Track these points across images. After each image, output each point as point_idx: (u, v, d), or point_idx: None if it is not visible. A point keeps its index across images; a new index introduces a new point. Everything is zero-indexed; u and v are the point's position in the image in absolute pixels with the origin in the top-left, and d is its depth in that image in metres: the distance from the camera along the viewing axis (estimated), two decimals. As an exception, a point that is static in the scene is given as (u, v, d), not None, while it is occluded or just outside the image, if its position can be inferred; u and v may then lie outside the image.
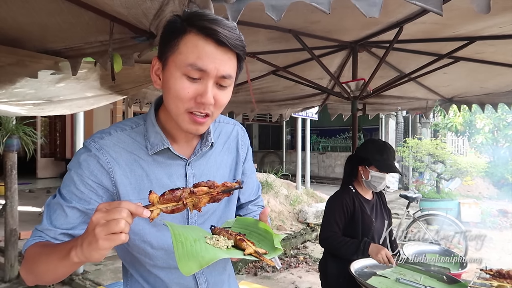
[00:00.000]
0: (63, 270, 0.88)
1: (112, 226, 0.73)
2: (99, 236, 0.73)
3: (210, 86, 0.92)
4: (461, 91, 3.84)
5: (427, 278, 1.89)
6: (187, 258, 0.77)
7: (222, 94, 0.95)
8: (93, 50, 1.99)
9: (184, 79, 0.91)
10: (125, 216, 0.74)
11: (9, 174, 4.64)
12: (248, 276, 5.10)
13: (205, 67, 0.90)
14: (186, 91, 0.91)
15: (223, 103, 0.97)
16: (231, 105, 4.24)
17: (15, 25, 1.79)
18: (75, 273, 4.44)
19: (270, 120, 6.55)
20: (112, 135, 1.03)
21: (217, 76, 0.92)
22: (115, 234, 0.73)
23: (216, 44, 0.89)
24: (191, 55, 0.90)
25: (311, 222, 7.59)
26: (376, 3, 1.06)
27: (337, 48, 2.87)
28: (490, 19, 1.96)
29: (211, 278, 1.14)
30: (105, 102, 3.65)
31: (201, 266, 0.77)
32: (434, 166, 9.46)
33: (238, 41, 0.92)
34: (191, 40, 0.90)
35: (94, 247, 0.74)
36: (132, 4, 1.43)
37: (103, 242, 0.73)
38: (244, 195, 1.26)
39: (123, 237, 0.74)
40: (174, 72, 0.93)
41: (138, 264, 1.10)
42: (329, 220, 2.33)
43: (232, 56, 0.93)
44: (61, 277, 0.93)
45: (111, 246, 0.74)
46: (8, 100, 2.96)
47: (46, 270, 0.90)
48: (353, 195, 2.34)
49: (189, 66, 0.90)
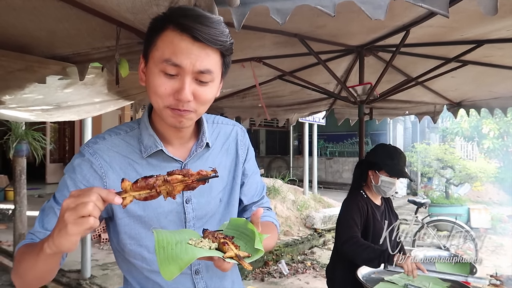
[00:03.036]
0: (41, 267, 0.88)
1: (80, 209, 0.73)
2: (68, 220, 0.73)
3: (188, 82, 0.91)
4: (470, 95, 3.80)
5: (435, 285, 1.86)
6: (167, 262, 0.76)
7: (203, 90, 0.94)
8: (100, 56, 2.01)
9: (162, 75, 0.91)
10: (94, 199, 0.74)
11: (19, 179, 4.69)
12: (255, 282, 5.07)
13: (179, 62, 0.89)
14: (163, 88, 0.91)
15: (205, 99, 0.96)
16: (238, 110, 4.25)
17: (24, 31, 1.82)
18: (82, 278, 4.46)
19: (277, 125, 6.56)
20: (106, 139, 1.04)
21: (194, 72, 0.91)
22: (83, 218, 0.73)
23: (192, 39, 0.88)
24: (166, 50, 0.90)
25: (319, 228, 7.54)
26: (382, 5, 1.06)
27: (344, 52, 2.86)
28: (498, 22, 1.94)
29: (211, 283, 1.12)
30: (112, 107, 3.68)
31: (181, 268, 0.76)
32: (443, 171, 9.38)
33: (219, 36, 0.90)
34: (168, 36, 0.90)
35: (63, 233, 0.74)
36: (138, 10, 1.44)
37: (71, 226, 0.73)
38: (247, 196, 1.22)
39: (91, 221, 0.73)
40: (153, 68, 0.93)
41: (135, 271, 1.09)
42: (348, 222, 2.24)
43: (211, 52, 0.91)
44: (41, 276, 0.92)
45: (79, 231, 0.74)
46: (17, 106, 3.00)
47: (27, 268, 0.90)
48: (366, 200, 2.32)
49: (164, 62, 0.90)
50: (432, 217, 6.10)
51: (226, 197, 1.15)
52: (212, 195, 1.11)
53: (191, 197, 1.07)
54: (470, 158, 13.42)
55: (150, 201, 1.02)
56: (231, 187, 1.17)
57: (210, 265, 1.10)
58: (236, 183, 1.18)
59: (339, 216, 2.36)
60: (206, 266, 1.11)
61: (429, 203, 7.08)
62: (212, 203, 1.11)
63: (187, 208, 1.07)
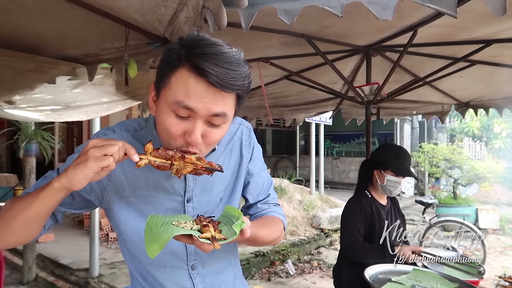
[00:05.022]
0: (33, 209, 0.88)
1: (106, 147, 0.81)
2: (91, 155, 0.81)
3: (199, 126, 0.88)
4: (478, 95, 3.77)
5: (443, 285, 1.86)
6: (151, 241, 0.82)
7: (213, 132, 0.92)
8: (109, 56, 2.03)
9: (173, 115, 0.89)
10: (120, 145, 0.83)
11: (28, 178, 4.74)
12: (262, 281, 5.08)
13: (192, 106, 0.85)
14: (174, 128, 0.89)
15: (214, 140, 0.95)
16: (244, 110, 4.25)
17: (34, 32, 1.84)
18: (90, 277, 4.50)
19: (283, 125, 6.55)
20: (116, 133, 1.07)
21: (208, 116, 0.88)
22: (105, 156, 0.80)
23: (208, 83, 0.84)
24: (180, 92, 0.86)
25: (325, 228, 7.53)
26: (389, 6, 1.06)
27: (351, 52, 2.86)
28: (507, 21, 1.92)
29: (208, 277, 1.13)
30: (120, 107, 3.71)
31: (161, 246, 0.81)
32: (451, 171, 9.30)
33: (238, 80, 0.85)
34: (183, 76, 0.86)
35: (82, 166, 0.81)
36: (147, 11, 1.45)
37: (91, 161, 0.80)
38: (252, 195, 1.22)
39: (111, 160, 0.81)
40: (164, 106, 0.90)
41: (137, 262, 1.12)
42: (348, 227, 2.27)
43: (227, 95, 0.87)
44: (26, 224, 0.90)
45: (97, 167, 0.81)
46: (27, 106, 3.03)
47: (16, 212, 0.90)
48: (370, 201, 2.32)
49: (176, 103, 0.86)
50: (439, 218, 6.06)
51: (226, 197, 1.16)
52: (213, 195, 1.12)
53: (192, 196, 1.09)
54: (478, 158, 13.30)
55: (150, 197, 1.05)
56: (233, 186, 1.17)
57: (206, 260, 1.12)
58: (238, 183, 1.18)
59: (342, 218, 2.38)
60: (202, 262, 1.12)
61: (436, 203, 7.02)
62: (212, 202, 1.12)
63: (187, 207, 1.08)
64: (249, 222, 0.93)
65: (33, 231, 0.94)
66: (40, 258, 5.20)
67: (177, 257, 1.09)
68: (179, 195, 1.07)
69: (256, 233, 0.99)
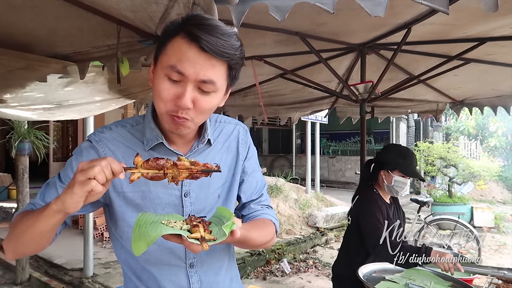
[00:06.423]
0: (39, 226, 0.90)
1: (87, 171, 0.79)
2: (77, 180, 0.80)
3: (189, 90, 0.93)
4: (473, 93, 3.78)
5: (437, 284, 1.85)
6: (138, 239, 0.82)
7: (203, 99, 0.96)
8: (100, 54, 2.01)
9: (166, 80, 0.94)
10: (103, 165, 0.80)
11: (21, 177, 4.71)
12: (257, 281, 5.08)
13: (183, 70, 0.91)
14: (166, 92, 0.94)
15: (204, 108, 0.98)
16: (239, 109, 4.24)
17: (25, 30, 1.82)
18: (84, 276, 4.48)
19: (279, 124, 6.55)
20: (112, 130, 1.10)
21: (197, 81, 0.93)
22: (88, 180, 0.79)
23: (199, 49, 0.90)
24: (173, 57, 0.92)
25: (321, 227, 7.53)
26: (381, 2, 1.05)
27: (345, 50, 2.85)
28: (501, 19, 1.92)
29: (205, 277, 1.13)
30: (114, 106, 3.68)
31: (148, 244, 0.81)
32: (446, 170, 9.34)
33: (228, 49, 0.91)
34: (177, 42, 0.92)
35: (70, 191, 0.81)
36: (138, 8, 1.44)
37: (77, 186, 0.80)
38: (246, 194, 1.23)
39: (93, 183, 0.79)
40: (159, 72, 0.96)
41: (132, 260, 1.12)
42: (373, 224, 2.14)
43: (217, 63, 0.93)
44: (36, 238, 0.93)
45: (82, 191, 0.80)
46: (18, 105, 3.00)
47: (25, 227, 0.93)
48: (379, 198, 2.31)
49: (170, 67, 0.92)
50: (434, 216, 6.07)
51: (224, 193, 1.17)
52: (210, 191, 1.13)
53: (189, 191, 1.10)
54: (473, 156, 13.37)
55: (148, 192, 1.06)
56: (230, 183, 1.19)
57: (205, 259, 1.12)
58: (235, 180, 1.20)
59: (360, 216, 2.26)
60: (200, 261, 1.12)
61: (432, 201, 7.05)
62: (210, 198, 1.13)
63: (185, 202, 1.09)
64: (240, 224, 0.94)
65: (44, 242, 0.97)
66: (33, 258, 5.16)
67: (175, 254, 1.10)
68: (176, 189, 1.08)
69: (247, 235, 0.99)
